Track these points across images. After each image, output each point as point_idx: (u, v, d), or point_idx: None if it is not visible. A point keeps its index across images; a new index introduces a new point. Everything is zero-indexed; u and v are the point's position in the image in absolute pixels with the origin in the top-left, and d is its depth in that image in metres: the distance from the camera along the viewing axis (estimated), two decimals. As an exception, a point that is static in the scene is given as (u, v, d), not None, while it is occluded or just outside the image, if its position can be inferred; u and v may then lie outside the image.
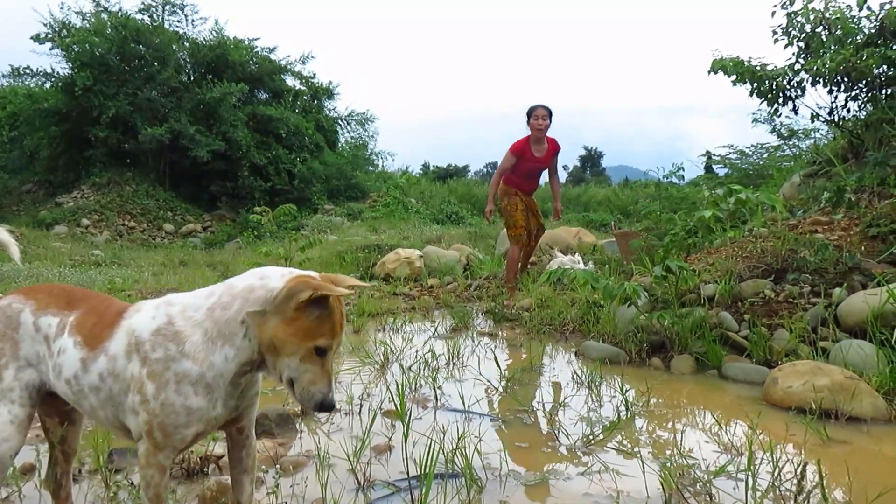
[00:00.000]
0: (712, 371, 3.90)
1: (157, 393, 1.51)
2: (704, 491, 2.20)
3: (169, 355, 1.53)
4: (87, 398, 1.66)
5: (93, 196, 18.63)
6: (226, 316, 1.54)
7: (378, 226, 16.62)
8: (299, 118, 21.99)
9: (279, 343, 1.50)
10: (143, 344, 1.55)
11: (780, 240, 4.80)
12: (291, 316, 1.49)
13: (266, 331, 1.51)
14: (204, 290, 1.63)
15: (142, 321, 1.59)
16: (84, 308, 1.77)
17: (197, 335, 1.54)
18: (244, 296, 1.54)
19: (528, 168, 6.63)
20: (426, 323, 5.80)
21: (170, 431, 1.53)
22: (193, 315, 1.56)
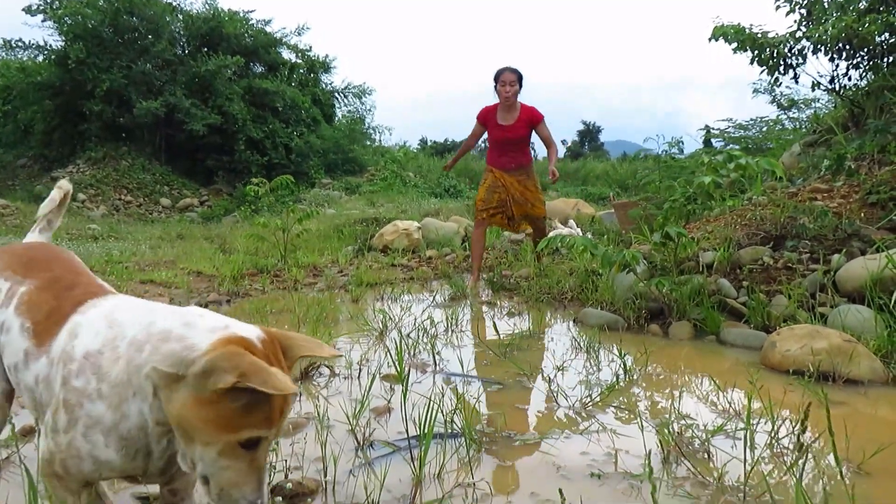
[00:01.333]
0: (710, 337, 3.91)
1: (68, 428, 1.20)
2: (703, 449, 2.21)
3: (87, 390, 1.19)
4: (24, 394, 1.40)
5: (88, 170, 18.54)
6: (135, 360, 1.16)
7: (376, 200, 16.59)
8: (295, 92, 21.82)
9: (188, 427, 1.10)
10: (70, 360, 1.23)
11: (779, 207, 4.79)
12: (207, 397, 1.08)
13: (172, 404, 1.11)
14: (149, 307, 1.29)
15: (85, 330, 1.26)
16: (42, 279, 1.46)
17: (114, 373, 1.18)
18: (155, 342, 1.15)
19: (495, 138, 6.04)
20: (424, 293, 5.80)
21: (71, 472, 1.22)
22: (119, 346, 1.20)
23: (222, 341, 1.11)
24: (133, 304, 1.34)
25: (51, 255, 1.60)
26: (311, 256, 7.79)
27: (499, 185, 5.97)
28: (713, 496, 1.92)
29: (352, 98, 25.23)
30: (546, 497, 1.91)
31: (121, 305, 1.33)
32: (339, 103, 25.10)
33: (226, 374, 1.05)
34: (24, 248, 1.64)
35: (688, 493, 1.94)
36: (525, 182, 6.01)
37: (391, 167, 21.30)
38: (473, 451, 2.20)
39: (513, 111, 5.93)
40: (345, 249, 8.59)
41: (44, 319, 1.36)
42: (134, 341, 1.18)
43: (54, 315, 1.35)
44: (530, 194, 6.02)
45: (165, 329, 1.16)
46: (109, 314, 1.28)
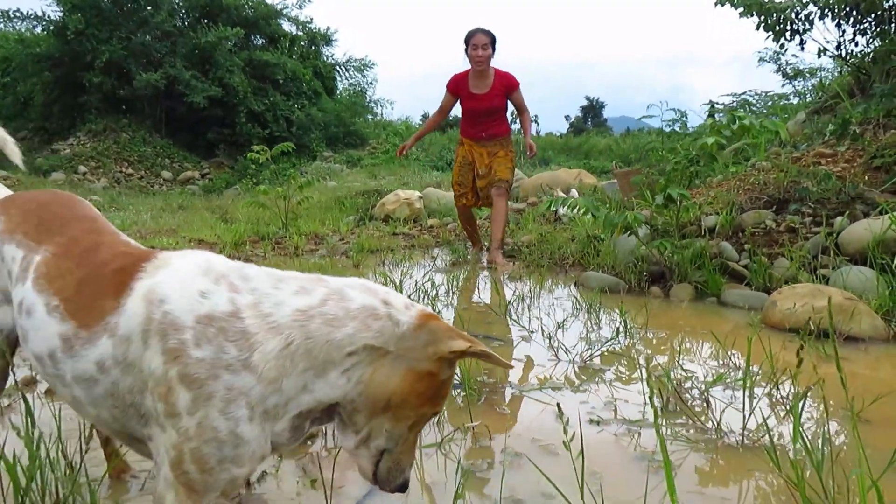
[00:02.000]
0: (711, 299, 3.91)
1: (194, 407, 1.01)
2: (702, 398, 2.22)
3: (222, 360, 1.02)
4: (70, 389, 1.15)
5: (89, 143, 18.46)
6: (329, 335, 1.06)
7: (377, 172, 16.51)
8: (297, 64, 21.64)
9: (397, 401, 1.09)
10: (178, 329, 1.04)
11: (782, 172, 4.76)
12: (425, 369, 1.08)
13: (384, 380, 1.08)
14: (289, 278, 1.14)
15: (179, 293, 1.08)
16: (60, 243, 1.26)
17: (272, 344, 1.04)
18: (363, 318, 1.08)
19: (468, 108, 5.54)
20: (426, 259, 5.80)
21: (210, 466, 1.03)
22: (272, 312, 1.07)
23: (425, 316, 1.11)
24: (245, 267, 1.16)
25: (65, 211, 1.38)
26: (313, 225, 7.78)
27: (468, 161, 5.58)
28: (711, 441, 1.93)
29: (353, 71, 25.03)
30: (547, 442, 1.92)
31: (228, 266, 1.15)
32: (340, 77, 24.90)
33: (454, 340, 1.08)
34: (34, 201, 1.41)
35: (687, 437, 1.95)
36: (495, 152, 5.50)
37: (393, 140, 21.17)
38: (473, 400, 2.21)
39: (485, 78, 5.42)
40: (346, 219, 8.57)
41: (74, 294, 1.15)
42: (311, 313, 1.07)
43: (88, 286, 1.16)
44: (498, 161, 5.46)
45: (368, 305, 1.09)
46: (213, 275, 1.11)
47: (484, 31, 5.37)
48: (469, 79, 5.47)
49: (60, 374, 1.14)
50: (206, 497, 1.05)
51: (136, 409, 1.09)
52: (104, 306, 1.11)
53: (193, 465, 1.02)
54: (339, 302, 1.09)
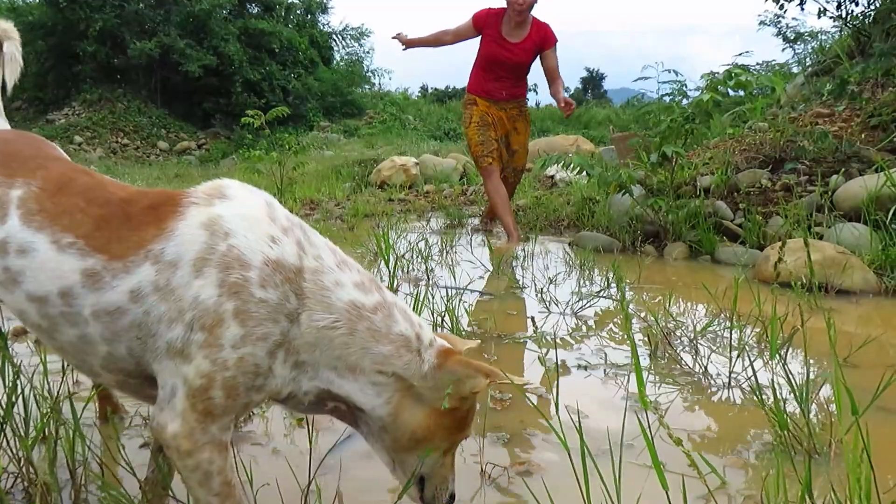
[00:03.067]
0: (705, 257, 3.90)
1: (242, 342, 1.01)
2: (691, 346, 2.22)
3: (285, 307, 1.03)
4: (81, 328, 1.08)
5: (84, 113, 18.34)
6: (367, 344, 1.08)
7: (375, 142, 16.41)
8: (292, 33, 21.41)
9: (424, 437, 1.11)
10: (243, 266, 1.02)
11: (779, 132, 4.72)
12: (451, 405, 1.09)
13: (408, 413, 1.11)
14: (351, 264, 1.14)
15: (247, 230, 1.05)
16: (48, 178, 1.16)
17: (320, 316, 1.07)
18: (399, 346, 1.10)
19: (491, 54, 4.65)
20: (421, 223, 5.78)
21: (239, 392, 1.02)
22: (330, 289, 1.08)
23: (442, 353, 1.12)
24: (294, 218, 1.14)
25: (34, 149, 1.27)
26: (309, 191, 7.75)
27: (487, 121, 4.72)
28: (698, 384, 1.93)
29: (350, 40, 24.78)
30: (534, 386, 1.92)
31: (274, 206, 1.12)
32: (337, 46, 24.65)
33: (474, 379, 1.09)
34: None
35: (675, 381, 1.96)
36: (516, 121, 4.78)
37: (390, 110, 21.05)
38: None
39: (523, 27, 4.59)
40: (342, 186, 8.54)
41: (96, 230, 1.09)
42: (363, 314, 1.08)
43: (114, 222, 1.09)
44: (518, 138, 4.83)
45: (406, 336, 1.10)
46: (273, 215, 1.09)
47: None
48: (503, 21, 4.62)
49: (74, 312, 1.07)
50: (220, 420, 1.03)
51: (155, 340, 1.05)
52: (143, 236, 1.06)
53: (222, 391, 1.01)
54: (386, 319, 1.10)
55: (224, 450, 1.05)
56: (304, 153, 7.05)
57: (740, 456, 1.49)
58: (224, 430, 1.04)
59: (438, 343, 1.14)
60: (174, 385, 1.03)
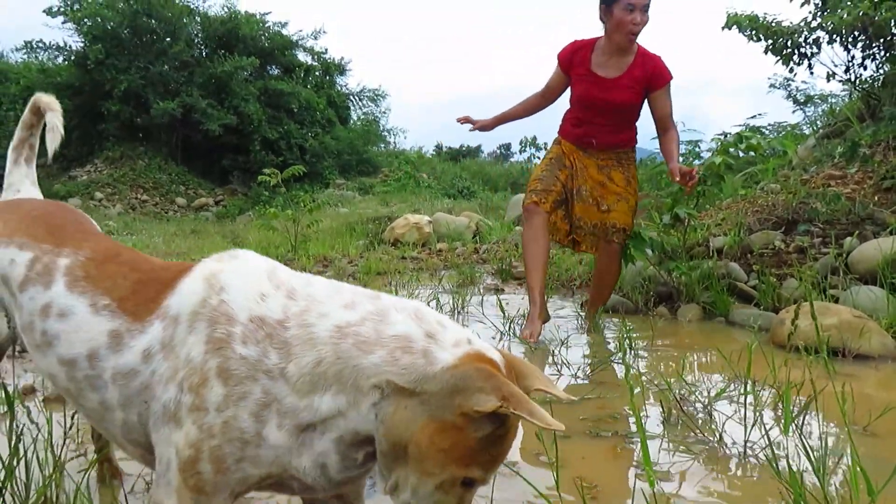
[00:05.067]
0: (719, 319, 3.86)
1: (225, 404, 0.96)
2: (705, 412, 2.18)
3: (264, 364, 0.98)
4: (102, 392, 1.09)
5: (106, 170, 18.76)
6: (356, 360, 0.97)
7: (389, 200, 16.60)
8: (311, 93, 21.96)
9: (416, 453, 0.94)
10: (229, 321, 1.00)
11: (791, 193, 4.73)
12: (450, 422, 0.92)
13: (403, 425, 0.94)
14: (346, 290, 1.07)
15: (240, 287, 1.04)
16: (94, 249, 1.21)
17: (308, 358, 0.98)
18: (392, 349, 0.96)
19: (582, 96, 3.63)
20: (433, 282, 5.79)
21: (227, 465, 0.97)
22: (314, 324, 1.00)
23: (470, 356, 0.95)
24: (305, 278, 1.10)
25: (77, 223, 1.32)
26: (322, 248, 7.81)
27: (562, 163, 3.69)
28: (713, 452, 1.89)
29: (366, 101, 25.38)
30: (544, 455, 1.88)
31: (279, 268, 1.10)
32: (353, 106, 25.23)
33: (484, 395, 0.90)
34: (37, 209, 1.34)
35: (689, 449, 1.91)
36: (611, 170, 3.65)
37: (405, 168, 21.33)
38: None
39: (623, 56, 3.53)
40: (356, 243, 8.60)
41: (131, 294, 1.11)
42: (347, 331, 0.98)
43: (147, 288, 1.11)
44: (612, 188, 3.63)
45: (406, 335, 0.97)
46: (275, 280, 1.06)
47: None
48: (594, 52, 3.59)
49: (96, 375, 1.09)
50: (214, 499, 0.98)
51: (155, 404, 1.03)
52: (161, 296, 1.08)
53: (210, 464, 0.96)
54: (377, 324, 0.99)
55: None
56: (319, 210, 7.14)
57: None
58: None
59: (474, 347, 0.97)
60: (169, 458, 1.00)
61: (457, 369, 0.93)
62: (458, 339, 0.98)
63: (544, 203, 3.56)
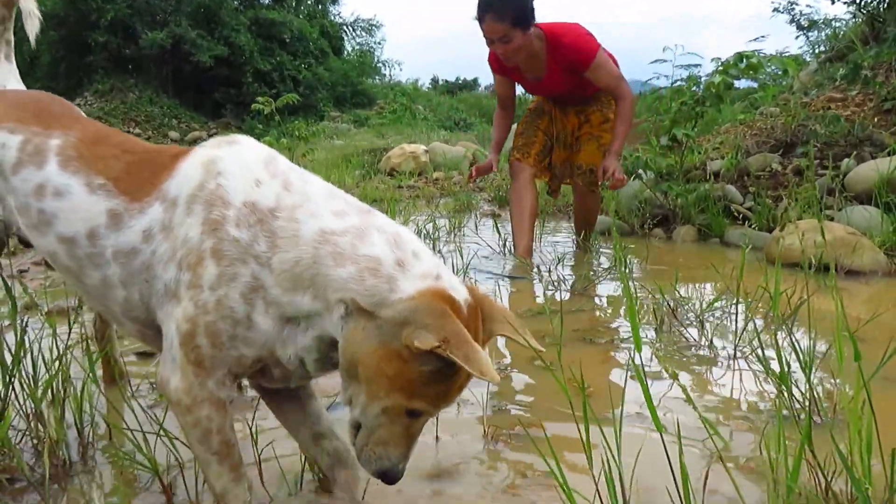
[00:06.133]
0: (714, 240, 3.89)
1: (217, 283, 0.99)
2: (697, 321, 2.21)
3: (254, 249, 1.00)
4: (104, 269, 1.11)
5: (96, 103, 18.42)
6: (329, 270, 0.98)
7: (385, 132, 16.41)
8: (303, 23, 21.39)
9: (364, 374, 0.97)
10: (225, 204, 1.02)
11: (791, 116, 4.69)
12: (396, 350, 0.94)
13: (358, 345, 0.97)
14: (340, 196, 1.08)
15: (237, 173, 1.05)
16: (84, 130, 1.22)
17: (290, 255, 1.00)
18: (361, 269, 0.97)
19: (528, 91, 3.79)
20: (430, 209, 5.78)
21: (222, 341, 1.01)
22: (302, 222, 1.01)
23: (431, 292, 0.95)
24: (302, 173, 1.10)
25: (67, 109, 1.34)
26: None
27: (543, 109, 3.68)
28: (703, 356, 1.93)
29: (361, 31, 24.77)
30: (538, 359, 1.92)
31: (288, 166, 1.10)
32: (347, 36, 24.63)
33: (426, 333, 0.90)
34: (26, 96, 1.36)
35: (680, 354, 1.95)
36: (588, 113, 3.57)
37: (401, 100, 21.03)
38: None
39: (535, 60, 3.35)
40: (352, 173, 8.55)
41: (125, 174, 1.13)
42: (328, 238, 0.99)
43: (143, 167, 1.13)
44: (586, 130, 3.58)
45: (377, 258, 0.98)
46: (273, 170, 1.07)
47: (495, 9, 3.13)
48: None
49: (98, 253, 1.11)
50: (213, 374, 1.02)
51: (157, 283, 1.06)
52: (160, 179, 1.10)
53: (206, 338, 1.00)
54: (355, 238, 0.99)
55: (223, 408, 1.04)
56: (314, 138, 7.07)
57: (746, 421, 1.49)
58: (220, 385, 1.03)
59: (439, 283, 0.97)
60: (172, 334, 1.03)
61: (412, 301, 0.94)
62: (427, 272, 0.98)
63: (527, 157, 3.57)
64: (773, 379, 1.47)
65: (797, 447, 1.04)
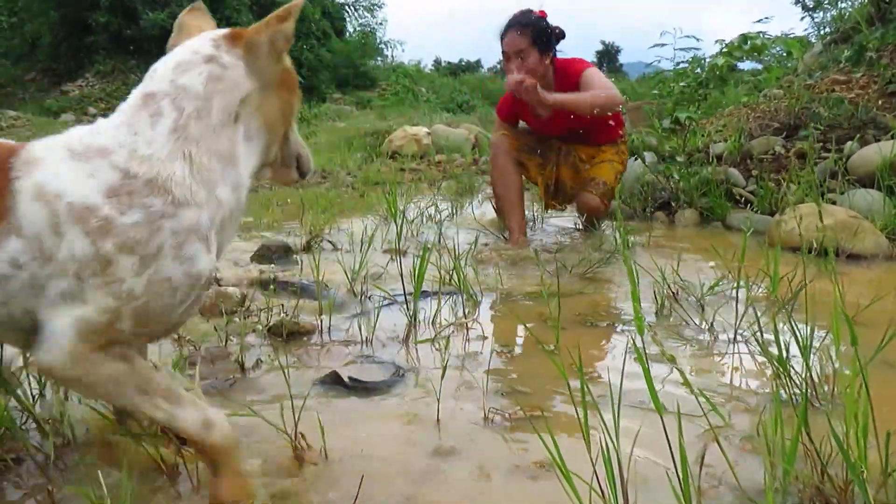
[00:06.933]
0: (716, 223, 3.89)
1: (141, 268, 1.00)
2: (697, 305, 2.22)
3: (154, 212, 1.01)
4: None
5: (98, 84, 18.37)
6: (210, 126, 1.09)
7: (387, 114, 16.32)
8: (305, 3, 21.24)
9: (288, 112, 1.25)
10: (95, 210, 0.99)
11: (794, 98, 4.66)
12: (285, 69, 1.22)
13: (274, 103, 1.20)
14: (120, 118, 1.09)
15: (68, 181, 1.01)
16: None
17: (179, 172, 1.05)
18: (213, 85, 1.10)
19: (540, 130, 3.65)
20: (432, 191, 5.78)
21: (153, 317, 1.03)
22: (154, 153, 1.04)
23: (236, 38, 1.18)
24: (87, 134, 1.09)
25: None
26: (321, 161, 7.75)
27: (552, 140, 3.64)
28: (703, 340, 1.94)
29: (362, 11, 24.61)
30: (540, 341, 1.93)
31: (81, 145, 1.06)
32: (349, 17, 24.48)
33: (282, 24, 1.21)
34: None
35: (680, 336, 1.96)
36: (602, 149, 3.61)
37: (403, 82, 20.91)
38: (469, 307, 2.23)
39: (546, 85, 3.27)
40: (354, 156, 8.53)
41: None
42: (177, 125, 1.07)
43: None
44: (601, 157, 3.59)
45: (203, 75, 1.11)
46: (79, 157, 1.04)
47: (520, 24, 3.27)
48: None
49: None
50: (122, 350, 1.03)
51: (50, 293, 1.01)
52: None
53: (130, 320, 1.01)
54: (176, 94, 1.09)
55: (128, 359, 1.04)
56: (316, 119, 7.05)
57: (743, 403, 1.50)
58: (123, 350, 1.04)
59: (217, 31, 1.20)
60: (64, 326, 1.00)
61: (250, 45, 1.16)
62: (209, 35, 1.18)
63: (512, 138, 3.58)
64: (771, 362, 1.48)
65: (794, 430, 1.05)
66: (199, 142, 1.07)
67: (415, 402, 1.53)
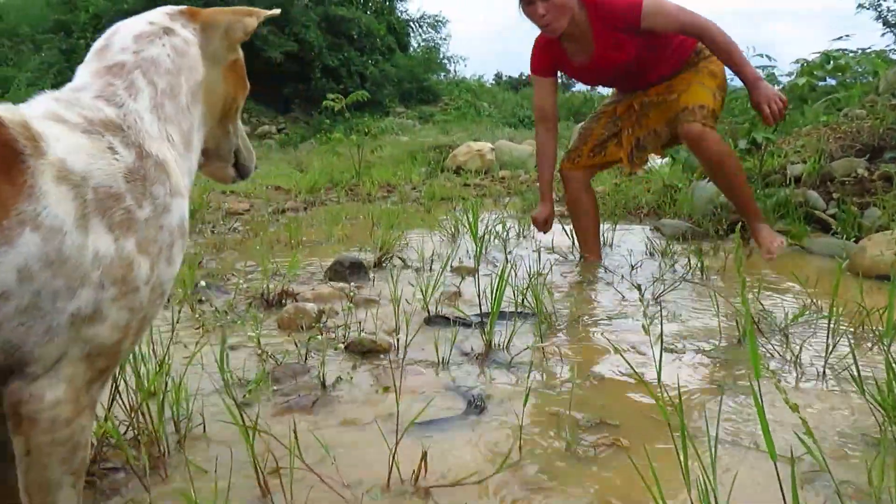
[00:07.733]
0: (795, 247, 3.75)
1: (151, 272, 0.88)
2: (781, 333, 2.15)
3: (159, 204, 0.91)
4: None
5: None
6: (180, 107, 1.05)
7: (449, 128, 16.46)
8: (371, 19, 21.64)
9: (233, 99, 1.21)
10: (118, 199, 0.86)
11: (878, 119, 4.48)
12: (234, 58, 1.18)
13: (219, 91, 1.16)
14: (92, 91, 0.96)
15: (95, 161, 0.86)
16: None
17: (169, 156, 0.97)
18: (179, 60, 1.06)
19: (583, 81, 3.48)
20: (497, 208, 5.78)
21: (146, 326, 0.93)
22: (149, 129, 0.96)
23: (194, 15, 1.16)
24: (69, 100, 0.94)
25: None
26: (385, 175, 7.86)
27: (608, 109, 3.38)
28: (790, 373, 1.88)
29: (427, 28, 24.93)
30: (621, 368, 1.90)
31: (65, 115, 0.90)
32: (413, 33, 24.82)
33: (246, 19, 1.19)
34: None
35: (766, 367, 1.90)
36: (672, 79, 3.13)
37: (465, 97, 21.05)
38: (544, 329, 2.21)
39: (580, 34, 2.98)
40: (418, 171, 8.62)
41: None
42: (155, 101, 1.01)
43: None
44: (678, 86, 3.09)
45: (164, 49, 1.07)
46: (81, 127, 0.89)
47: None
48: (558, 45, 3.11)
49: None
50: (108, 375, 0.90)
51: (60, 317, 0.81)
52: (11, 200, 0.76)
53: (132, 339, 0.89)
54: (147, 74, 1.01)
55: (93, 416, 0.90)
56: (382, 135, 7.17)
57: (837, 443, 1.44)
58: (102, 386, 0.90)
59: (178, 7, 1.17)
60: (62, 354, 0.83)
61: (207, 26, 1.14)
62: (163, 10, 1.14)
63: (578, 160, 3.44)
64: (869, 401, 1.42)
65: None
66: (173, 123, 1.02)
67: (495, 431, 1.51)
